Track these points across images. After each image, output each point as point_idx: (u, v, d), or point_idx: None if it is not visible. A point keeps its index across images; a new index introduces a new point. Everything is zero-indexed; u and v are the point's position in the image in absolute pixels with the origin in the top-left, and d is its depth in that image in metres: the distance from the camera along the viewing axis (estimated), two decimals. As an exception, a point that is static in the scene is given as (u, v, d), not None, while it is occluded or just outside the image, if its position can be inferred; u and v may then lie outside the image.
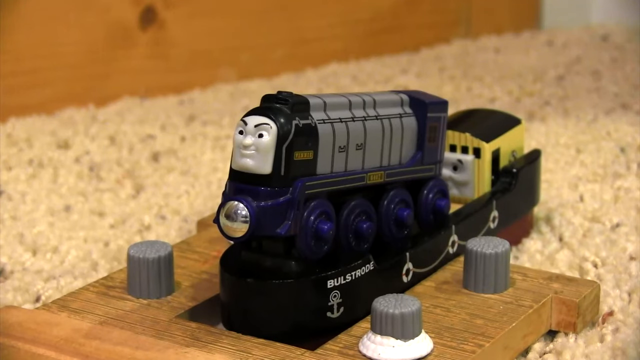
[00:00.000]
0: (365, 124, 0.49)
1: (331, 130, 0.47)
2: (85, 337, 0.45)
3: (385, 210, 0.50)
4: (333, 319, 0.47)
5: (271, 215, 0.45)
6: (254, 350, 0.44)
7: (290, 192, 0.45)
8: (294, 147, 0.45)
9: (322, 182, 0.46)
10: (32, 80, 0.86)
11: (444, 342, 0.45)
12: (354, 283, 0.47)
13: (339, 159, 0.48)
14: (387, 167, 0.50)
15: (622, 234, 0.60)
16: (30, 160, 0.74)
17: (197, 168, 0.73)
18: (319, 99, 0.47)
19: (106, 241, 0.60)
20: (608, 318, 0.50)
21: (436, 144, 0.53)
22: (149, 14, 0.91)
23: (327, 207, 0.47)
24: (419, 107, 0.52)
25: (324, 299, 0.46)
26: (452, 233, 0.53)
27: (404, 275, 0.50)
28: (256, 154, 0.45)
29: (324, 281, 0.46)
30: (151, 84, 0.92)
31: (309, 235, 0.46)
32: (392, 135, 0.50)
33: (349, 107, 0.49)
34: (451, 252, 0.53)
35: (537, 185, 0.60)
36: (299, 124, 0.45)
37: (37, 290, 0.54)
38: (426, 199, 0.53)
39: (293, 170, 0.45)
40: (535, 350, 0.48)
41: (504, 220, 0.56)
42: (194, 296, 0.49)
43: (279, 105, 0.46)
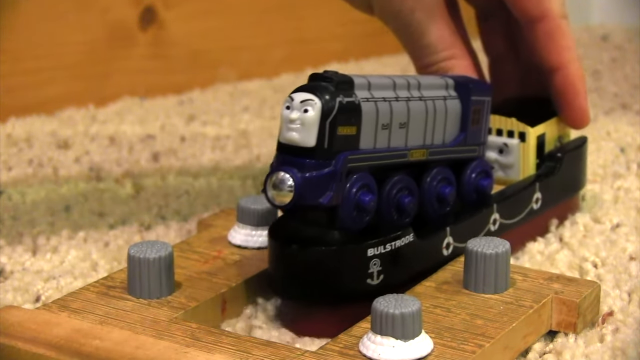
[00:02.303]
0: (409, 104, 0.51)
1: (374, 108, 0.49)
2: (85, 337, 0.45)
3: (427, 187, 0.53)
4: (373, 285, 0.49)
5: (314, 185, 0.47)
6: (254, 350, 0.44)
7: (333, 165, 0.48)
8: (337, 123, 0.47)
9: (364, 156, 0.49)
10: (32, 80, 0.86)
11: (444, 342, 0.45)
12: (394, 252, 0.50)
13: (382, 136, 0.50)
14: (430, 145, 0.53)
15: (622, 234, 0.60)
16: (30, 160, 0.74)
17: (197, 168, 0.73)
18: (364, 79, 0.49)
19: (106, 241, 0.60)
20: (608, 318, 0.50)
21: (480, 126, 0.55)
22: (149, 14, 0.91)
23: (369, 180, 0.49)
24: (464, 91, 0.54)
25: (364, 267, 0.49)
26: (493, 211, 0.55)
27: (444, 248, 0.52)
28: (301, 127, 0.47)
29: (364, 249, 0.49)
30: (151, 84, 0.92)
31: (351, 206, 0.48)
32: (436, 116, 0.52)
33: (393, 88, 0.51)
34: (492, 230, 0.55)
35: (583, 170, 0.62)
36: (343, 101, 0.47)
37: (37, 290, 0.54)
38: (469, 178, 0.55)
39: (336, 144, 0.48)
40: (535, 351, 0.48)
41: (547, 202, 0.59)
42: (194, 296, 0.49)
43: (324, 84, 0.48)
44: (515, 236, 0.56)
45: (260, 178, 0.71)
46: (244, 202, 0.55)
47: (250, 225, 0.54)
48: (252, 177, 0.71)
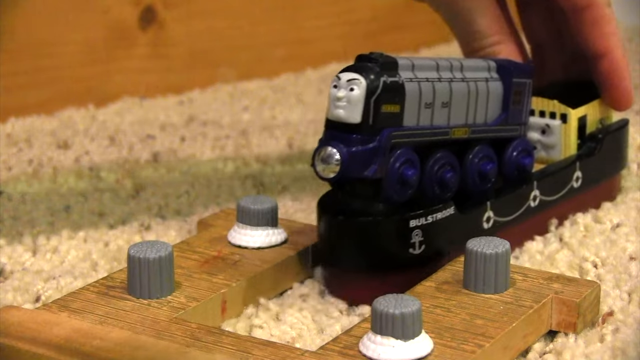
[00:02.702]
0: (452, 85, 0.54)
1: (418, 88, 0.52)
2: (85, 337, 0.45)
3: (469, 164, 0.56)
4: (415, 255, 0.52)
5: (359, 159, 0.51)
6: (254, 350, 0.44)
7: (377, 140, 0.51)
8: (382, 101, 0.51)
9: (407, 132, 0.52)
10: (32, 80, 0.86)
11: (444, 342, 0.45)
12: (435, 224, 0.53)
13: (425, 114, 0.53)
14: (472, 124, 0.56)
15: (622, 234, 0.60)
16: (30, 160, 0.74)
17: (197, 168, 0.73)
18: (408, 60, 0.53)
19: (106, 241, 0.60)
20: (608, 318, 0.50)
21: (521, 107, 0.58)
22: (149, 14, 0.91)
23: (412, 155, 0.52)
24: (505, 73, 0.57)
25: (406, 237, 0.52)
26: (533, 188, 0.58)
27: (485, 222, 0.55)
28: (347, 105, 0.50)
29: (407, 221, 0.52)
30: (151, 84, 0.92)
31: (394, 179, 0.52)
32: (478, 96, 0.56)
33: (437, 69, 0.54)
34: (532, 205, 0.58)
35: (624, 151, 0.65)
36: (387, 81, 0.51)
37: (37, 290, 0.54)
38: (510, 156, 0.58)
39: (380, 121, 0.51)
40: (535, 350, 0.48)
41: (588, 181, 0.62)
42: (194, 296, 0.49)
43: (370, 64, 0.51)
44: (555, 213, 0.60)
45: (260, 178, 0.71)
46: (244, 202, 0.55)
47: (250, 225, 0.54)
48: (252, 177, 0.71)
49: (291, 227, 0.56)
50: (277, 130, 0.81)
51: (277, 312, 0.51)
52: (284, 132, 0.81)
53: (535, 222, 0.59)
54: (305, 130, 0.81)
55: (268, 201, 0.55)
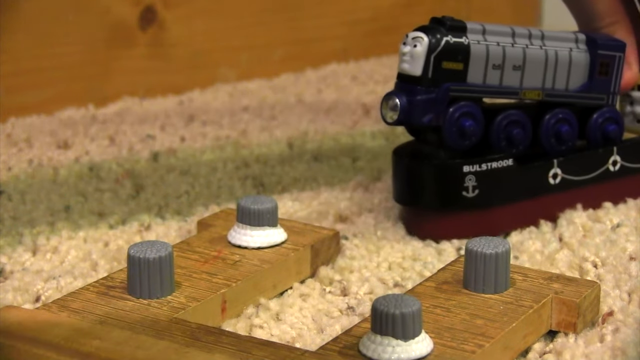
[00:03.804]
0: (526, 51, 0.60)
1: (485, 50, 0.58)
2: (85, 337, 0.45)
3: (545, 124, 0.61)
4: (468, 197, 0.59)
5: (418, 107, 0.57)
6: (254, 350, 0.44)
7: (435, 92, 0.57)
8: (442, 57, 0.57)
9: (469, 88, 0.58)
10: (32, 80, 0.86)
11: (444, 342, 0.45)
12: (490, 172, 0.59)
13: (493, 74, 0.59)
14: (549, 89, 0.61)
15: (622, 234, 0.60)
16: (30, 160, 0.74)
17: (197, 168, 0.73)
18: (480, 25, 0.59)
19: (106, 241, 0.60)
20: (608, 318, 0.50)
21: (609, 78, 0.63)
22: (148, 14, 0.91)
23: (473, 108, 0.58)
24: (592, 45, 0.62)
25: (459, 180, 0.59)
26: (613, 153, 0.63)
27: (551, 178, 0.61)
28: (410, 59, 0.57)
29: (460, 166, 0.58)
30: (151, 84, 0.92)
31: (452, 128, 0.58)
32: (557, 64, 0.61)
33: (512, 36, 0.60)
34: (612, 170, 0.63)
35: None
36: (450, 41, 0.57)
37: (37, 290, 0.54)
38: (595, 122, 0.63)
39: (440, 76, 0.57)
40: (535, 350, 0.48)
41: None
42: (194, 296, 0.49)
43: (437, 25, 0.58)
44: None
45: (260, 178, 0.71)
46: (244, 202, 0.55)
47: (250, 225, 0.54)
48: (252, 177, 0.71)
49: (291, 227, 0.56)
50: (277, 130, 0.81)
51: (277, 312, 0.51)
52: (284, 132, 0.81)
53: (615, 186, 0.64)
54: (305, 130, 0.81)
55: (268, 201, 0.55)
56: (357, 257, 0.58)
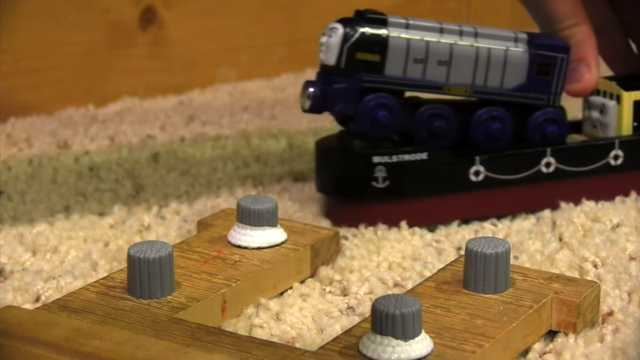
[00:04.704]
0: (453, 47, 0.61)
1: (405, 43, 0.60)
2: (85, 337, 0.45)
3: (475, 121, 0.62)
4: (378, 188, 0.60)
5: (329, 96, 0.59)
6: (254, 350, 0.44)
7: (348, 82, 0.59)
8: (356, 48, 0.59)
9: (387, 80, 0.60)
10: (32, 80, 0.86)
11: (444, 342, 0.45)
12: (401, 164, 0.60)
13: (415, 68, 0.60)
14: (480, 86, 0.61)
15: (622, 234, 0.60)
16: (30, 160, 0.74)
17: (197, 168, 0.73)
18: (404, 20, 0.60)
19: (106, 241, 0.60)
20: (608, 318, 0.50)
21: (549, 78, 0.63)
22: (148, 14, 0.91)
23: (388, 100, 0.60)
24: (531, 45, 0.62)
25: (369, 171, 0.60)
26: (546, 154, 0.63)
27: (472, 174, 0.61)
28: (326, 49, 0.59)
29: (369, 156, 0.60)
30: (151, 84, 0.92)
31: (365, 118, 0.60)
32: (490, 62, 0.61)
33: (439, 32, 0.61)
34: (545, 171, 0.63)
35: None
36: (366, 32, 0.59)
37: (37, 290, 0.54)
38: (534, 122, 0.63)
39: (354, 66, 0.59)
40: (535, 350, 0.48)
41: (633, 163, 0.64)
42: (194, 296, 0.49)
43: (356, 17, 0.60)
44: (586, 185, 0.64)
45: (260, 178, 0.71)
46: (244, 202, 0.55)
47: (250, 225, 0.54)
48: (252, 177, 0.71)
49: (291, 227, 0.56)
50: (277, 130, 0.81)
51: (277, 312, 0.51)
52: (284, 132, 0.81)
53: (549, 188, 0.63)
54: (305, 130, 0.81)
55: (268, 201, 0.55)
56: (357, 257, 0.58)
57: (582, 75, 0.64)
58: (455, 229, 0.62)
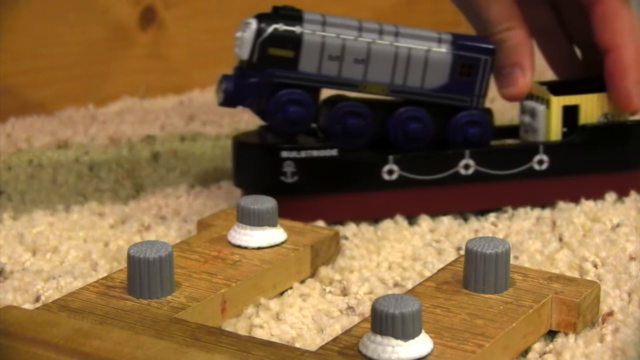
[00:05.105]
0: (371, 46, 0.60)
1: (320, 40, 0.60)
2: (85, 337, 0.45)
3: (393, 120, 0.62)
4: (286, 183, 0.60)
5: (242, 90, 0.60)
6: (254, 350, 0.44)
7: (259, 77, 0.60)
8: (269, 44, 0.59)
9: (300, 76, 0.60)
10: (32, 80, 0.86)
11: (444, 342, 0.45)
12: (310, 160, 0.60)
13: (330, 65, 0.60)
14: (399, 85, 0.61)
15: (622, 234, 0.60)
16: (30, 160, 0.74)
17: (197, 168, 0.73)
18: (320, 17, 0.60)
19: (106, 241, 0.60)
20: (608, 318, 0.50)
21: (472, 80, 0.62)
22: (148, 14, 0.91)
23: (301, 96, 0.60)
24: (454, 46, 0.62)
25: (277, 165, 0.60)
26: (465, 156, 0.62)
27: (385, 173, 0.61)
28: (240, 44, 0.60)
29: (278, 151, 0.60)
30: (151, 84, 0.92)
31: (276, 113, 0.60)
32: (410, 62, 0.61)
33: (358, 30, 0.61)
34: (463, 173, 0.62)
35: (631, 150, 0.65)
36: (279, 28, 0.59)
37: (37, 290, 0.54)
38: (455, 123, 0.62)
39: (266, 62, 0.60)
40: (535, 350, 0.48)
41: (559, 168, 0.63)
42: (194, 296, 0.49)
43: (271, 13, 0.60)
44: (508, 189, 0.63)
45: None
46: (244, 202, 0.55)
47: (250, 225, 0.54)
48: (252, 177, 0.71)
49: (291, 227, 0.56)
50: (277, 130, 0.81)
51: (277, 312, 0.51)
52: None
53: (467, 191, 0.62)
54: (305, 130, 0.81)
55: (268, 201, 0.55)
56: (357, 257, 0.58)
57: (516, 79, 0.63)
58: (455, 228, 0.62)
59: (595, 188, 0.64)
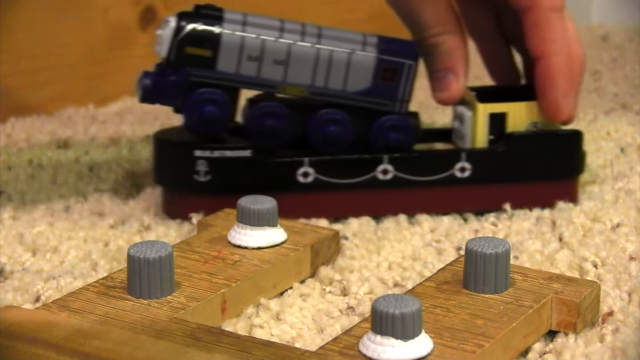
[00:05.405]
0: (292, 47, 0.60)
1: (239, 40, 0.60)
2: (85, 337, 0.45)
3: (312, 122, 0.61)
4: (200, 181, 0.61)
5: (160, 88, 0.60)
6: (254, 350, 0.44)
7: (176, 75, 0.60)
8: (186, 43, 0.60)
9: (218, 76, 0.60)
10: (32, 80, 0.86)
11: (444, 342, 0.45)
12: (224, 160, 0.60)
13: (249, 66, 0.60)
14: (321, 88, 0.61)
15: (622, 234, 0.60)
16: (30, 160, 0.74)
17: (197, 168, 0.73)
18: (241, 16, 0.60)
19: (106, 241, 0.60)
20: (608, 318, 0.50)
21: (395, 84, 0.61)
22: (148, 14, 0.91)
23: (218, 95, 0.60)
24: (377, 50, 0.61)
25: (191, 164, 0.60)
26: (382, 161, 0.61)
27: (301, 176, 0.61)
28: (160, 42, 0.60)
29: (191, 150, 0.60)
30: (151, 84, 0.92)
31: (192, 112, 0.60)
32: (332, 64, 0.61)
33: (279, 30, 0.61)
34: (382, 178, 0.61)
35: (569, 159, 0.64)
36: (197, 27, 0.60)
37: (37, 290, 0.54)
38: (377, 128, 0.62)
39: (183, 60, 0.60)
40: (535, 350, 0.48)
41: (482, 176, 0.63)
42: (194, 296, 0.49)
43: (191, 12, 0.60)
44: (429, 195, 0.62)
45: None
46: (244, 202, 0.55)
47: (250, 225, 0.54)
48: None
49: (291, 227, 0.56)
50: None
51: (277, 312, 0.51)
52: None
53: (386, 196, 0.62)
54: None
55: (268, 201, 0.55)
56: (357, 257, 0.58)
57: (449, 84, 0.63)
58: (455, 228, 0.62)
59: (521, 197, 0.63)
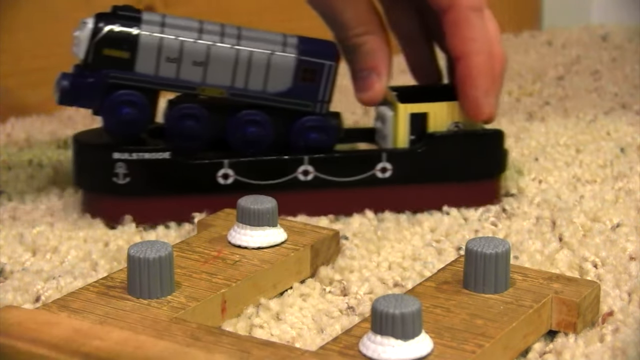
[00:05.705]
0: (211, 48, 0.60)
1: (157, 42, 0.60)
2: (85, 337, 0.45)
3: (231, 124, 0.61)
4: (118, 183, 0.60)
5: (78, 90, 0.60)
6: (254, 350, 0.44)
7: (93, 77, 0.60)
8: (104, 45, 0.59)
9: (136, 78, 0.60)
10: (32, 80, 0.85)
11: (444, 342, 0.45)
12: (142, 162, 0.60)
13: (167, 67, 0.60)
14: (241, 89, 0.61)
15: (622, 234, 0.60)
16: (30, 160, 0.74)
17: (197, 168, 0.73)
18: (160, 18, 0.60)
19: (106, 241, 0.60)
20: (608, 318, 0.50)
21: (315, 85, 0.61)
22: (148, 14, 0.91)
23: (136, 97, 0.60)
24: (297, 51, 0.61)
25: (109, 166, 0.60)
26: (303, 162, 0.61)
27: (221, 177, 0.61)
28: (77, 43, 0.60)
29: (109, 152, 0.60)
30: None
31: (110, 115, 0.60)
32: (251, 65, 0.60)
33: (199, 32, 0.61)
34: (303, 179, 0.62)
35: (491, 158, 0.64)
36: (115, 29, 0.59)
37: (37, 290, 0.54)
38: (297, 129, 0.62)
39: (101, 62, 0.59)
40: (535, 350, 0.48)
41: (403, 177, 0.63)
42: (194, 296, 0.49)
43: (109, 13, 0.60)
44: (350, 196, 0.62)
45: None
46: (244, 202, 0.55)
47: (250, 225, 0.54)
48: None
49: (291, 227, 0.56)
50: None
51: (277, 312, 0.51)
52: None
53: (307, 197, 0.62)
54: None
55: (268, 201, 0.55)
56: (357, 257, 0.58)
57: (372, 84, 0.62)
58: (455, 228, 0.62)
59: (443, 198, 0.63)
